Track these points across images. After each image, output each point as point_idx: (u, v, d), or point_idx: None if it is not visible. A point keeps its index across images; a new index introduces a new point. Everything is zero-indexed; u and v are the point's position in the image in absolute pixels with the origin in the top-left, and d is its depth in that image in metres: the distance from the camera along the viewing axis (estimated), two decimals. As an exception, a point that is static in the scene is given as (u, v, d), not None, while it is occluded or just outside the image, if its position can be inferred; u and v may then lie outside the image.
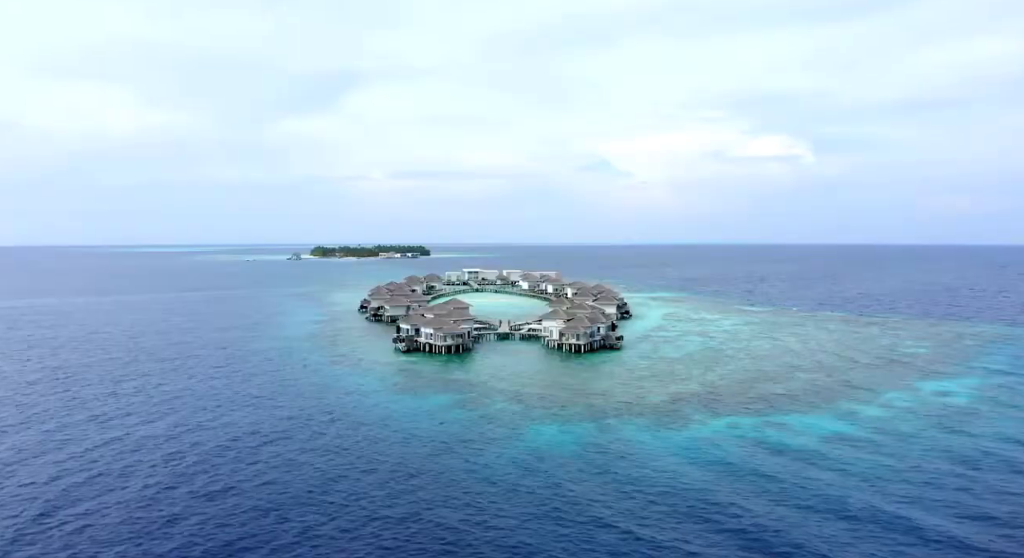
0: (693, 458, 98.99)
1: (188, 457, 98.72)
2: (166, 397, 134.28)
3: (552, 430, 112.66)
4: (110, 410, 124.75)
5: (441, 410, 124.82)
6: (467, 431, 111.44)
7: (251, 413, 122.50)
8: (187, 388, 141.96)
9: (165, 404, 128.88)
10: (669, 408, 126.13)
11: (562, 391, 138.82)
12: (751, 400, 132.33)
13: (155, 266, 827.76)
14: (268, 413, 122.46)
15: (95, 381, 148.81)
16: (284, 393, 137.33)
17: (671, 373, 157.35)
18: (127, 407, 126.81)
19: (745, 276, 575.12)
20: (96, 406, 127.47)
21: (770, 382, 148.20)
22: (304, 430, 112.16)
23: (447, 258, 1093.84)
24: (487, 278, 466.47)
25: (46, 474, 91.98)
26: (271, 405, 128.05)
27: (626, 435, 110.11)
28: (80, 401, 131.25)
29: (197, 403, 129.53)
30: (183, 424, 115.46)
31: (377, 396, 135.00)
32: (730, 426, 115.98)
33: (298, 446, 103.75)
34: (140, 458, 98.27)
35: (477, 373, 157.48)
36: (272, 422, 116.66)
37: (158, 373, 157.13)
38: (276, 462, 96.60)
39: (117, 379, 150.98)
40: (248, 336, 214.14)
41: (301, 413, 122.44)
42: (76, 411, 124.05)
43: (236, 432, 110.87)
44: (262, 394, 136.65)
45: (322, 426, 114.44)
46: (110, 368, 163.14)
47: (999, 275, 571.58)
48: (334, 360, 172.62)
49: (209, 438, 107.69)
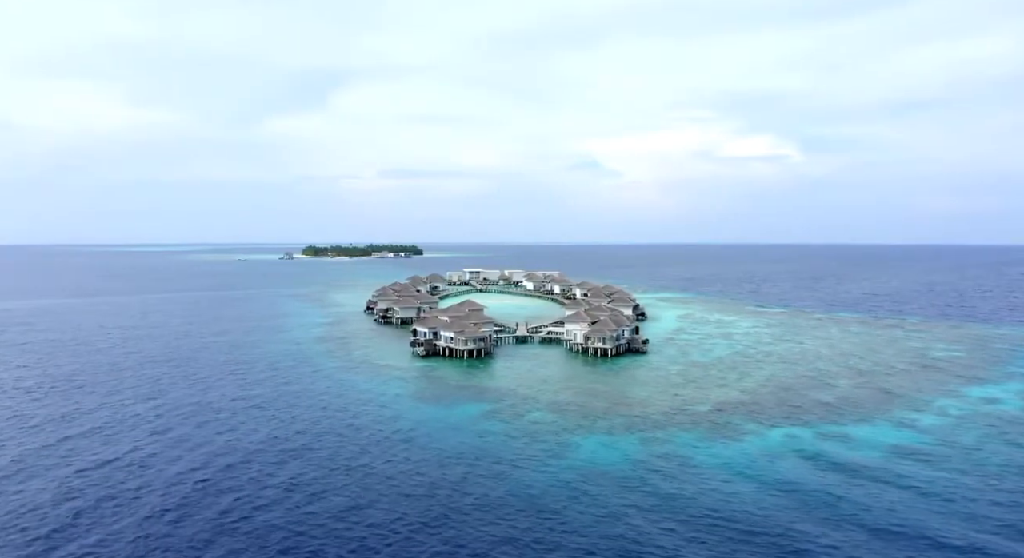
0: (758, 478, 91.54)
1: (204, 476, 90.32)
2: (175, 407, 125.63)
3: (596, 444, 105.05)
4: (116, 422, 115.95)
5: (473, 421, 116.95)
6: (505, 446, 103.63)
7: (269, 425, 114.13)
8: (197, 397, 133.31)
9: (174, 415, 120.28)
10: (716, 418, 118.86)
11: (598, 399, 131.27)
12: (798, 409, 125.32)
13: (145, 265, 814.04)
14: (288, 426, 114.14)
15: (99, 390, 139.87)
16: (302, 403, 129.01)
17: (707, 379, 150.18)
18: (133, 418, 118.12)
19: (744, 276, 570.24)
20: (101, 418, 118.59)
21: (812, 389, 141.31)
22: (329, 444, 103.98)
23: (440, 258, 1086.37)
24: (489, 278, 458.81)
25: (51, 495, 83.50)
26: (289, 416, 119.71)
27: (677, 450, 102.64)
28: (83, 411, 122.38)
29: (208, 414, 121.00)
30: (194, 437, 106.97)
31: (402, 405, 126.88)
32: (786, 438, 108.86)
33: (324, 464, 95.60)
34: (152, 477, 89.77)
35: (504, 379, 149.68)
36: (293, 436, 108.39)
37: (164, 380, 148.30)
38: (302, 482, 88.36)
39: (121, 387, 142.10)
40: (254, 339, 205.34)
41: (323, 425, 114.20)
42: (79, 423, 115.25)
43: (255, 446, 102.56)
44: (278, 404, 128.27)
45: (347, 440, 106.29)
46: (113, 375, 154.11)
47: (1001, 275, 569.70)
48: (350, 366, 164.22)
49: (225, 452, 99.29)
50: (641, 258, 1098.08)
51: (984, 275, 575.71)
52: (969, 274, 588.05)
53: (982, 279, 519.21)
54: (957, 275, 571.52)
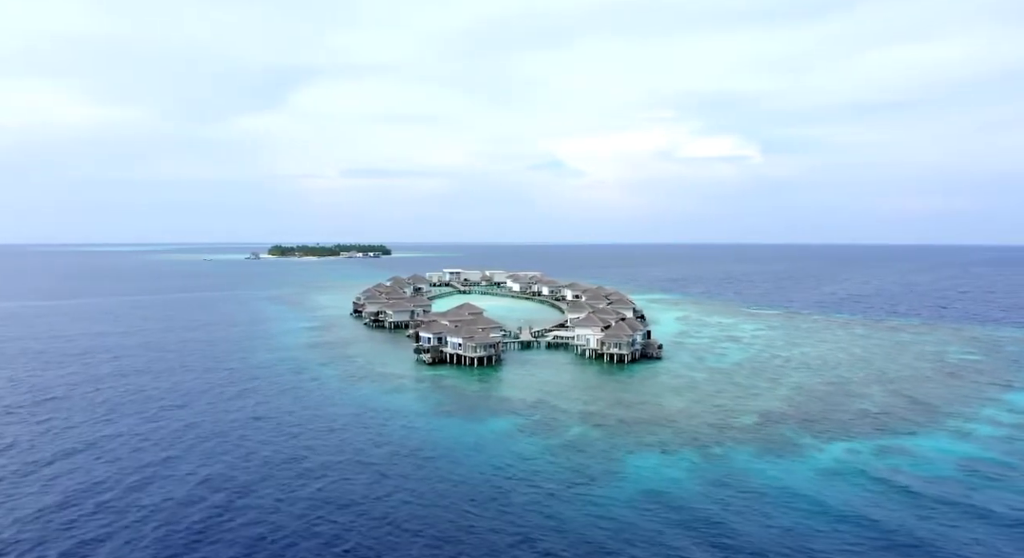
0: (835, 496, 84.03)
1: (214, 505, 79.18)
2: (172, 425, 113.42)
3: (653, 464, 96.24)
4: (108, 441, 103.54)
5: (507, 439, 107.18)
6: (555, 466, 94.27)
7: (280, 443, 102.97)
8: (193, 413, 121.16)
9: (173, 435, 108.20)
10: (767, 431, 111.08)
11: (634, 411, 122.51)
12: (846, 421, 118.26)
13: (109, 266, 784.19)
14: (303, 444, 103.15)
15: (83, 405, 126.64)
16: (312, 418, 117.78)
17: (737, 387, 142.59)
18: (128, 438, 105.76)
19: (722, 277, 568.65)
20: (90, 436, 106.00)
21: (848, 398, 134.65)
22: (355, 466, 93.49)
23: (409, 258, 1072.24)
24: (470, 279, 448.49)
25: (45, 529, 71.69)
26: (301, 433, 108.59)
27: (741, 467, 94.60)
28: (70, 429, 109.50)
29: (211, 433, 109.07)
30: (199, 461, 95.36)
31: (424, 422, 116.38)
32: (848, 453, 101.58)
33: (357, 490, 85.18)
34: (154, 508, 78.40)
35: (523, 389, 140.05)
36: (313, 457, 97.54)
37: (153, 393, 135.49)
38: (333, 512, 77.89)
39: (108, 403, 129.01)
40: (242, 347, 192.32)
41: (340, 447, 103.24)
42: (67, 443, 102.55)
43: (270, 470, 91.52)
44: (286, 420, 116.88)
45: (377, 462, 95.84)
46: (97, 388, 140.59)
47: (973, 275, 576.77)
48: (353, 375, 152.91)
49: (236, 476, 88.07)
50: (611, 258, 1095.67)
51: (958, 275, 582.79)
52: (943, 274, 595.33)
53: (957, 279, 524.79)
54: (931, 275, 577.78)
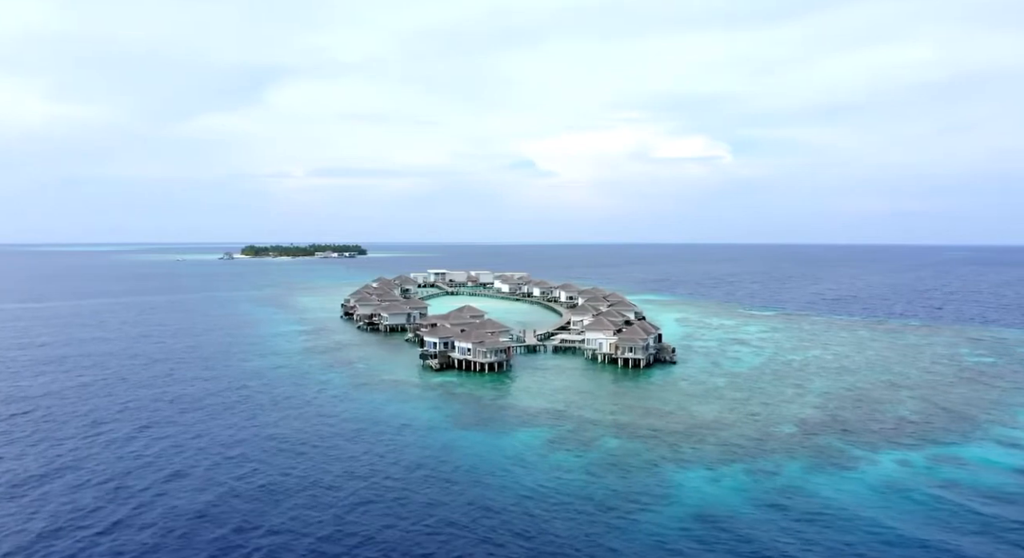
0: (902, 516, 78.42)
1: (218, 539, 70.92)
2: (166, 442, 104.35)
3: (700, 481, 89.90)
4: (93, 461, 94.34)
5: (539, 453, 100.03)
6: (599, 486, 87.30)
7: (292, 463, 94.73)
8: (188, 428, 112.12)
9: (169, 454, 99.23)
10: (811, 442, 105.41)
11: (666, 421, 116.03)
12: (888, 429, 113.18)
13: (78, 266, 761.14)
14: (318, 465, 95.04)
15: (72, 420, 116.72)
16: (322, 433, 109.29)
17: (764, 393, 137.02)
18: (117, 458, 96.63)
19: (704, 277, 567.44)
20: (74, 455, 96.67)
21: (881, 403, 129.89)
22: (379, 491, 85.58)
23: (385, 257, 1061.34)
24: (455, 279, 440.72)
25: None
26: (311, 451, 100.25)
27: (796, 484, 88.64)
28: (60, 448, 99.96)
29: (211, 451, 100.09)
30: (199, 484, 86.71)
31: (446, 434, 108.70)
32: (901, 465, 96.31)
33: (383, 521, 77.53)
34: (152, 546, 69.98)
35: (541, 397, 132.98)
36: (330, 479, 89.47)
37: (146, 405, 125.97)
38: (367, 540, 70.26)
39: (92, 415, 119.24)
40: (234, 352, 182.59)
41: (362, 464, 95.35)
42: (49, 463, 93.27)
43: (282, 495, 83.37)
44: (297, 434, 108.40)
45: (400, 484, 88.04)
46: (84, 400, 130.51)
47: (952, 275, 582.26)
48: (359, 383, 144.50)
49: (243, 505, 79.78)
50: (586, 258, 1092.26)
51: (939, 275, 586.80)
52: (923, 274, 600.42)
53: (940, 279, 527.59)
54: (912, 276, 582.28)
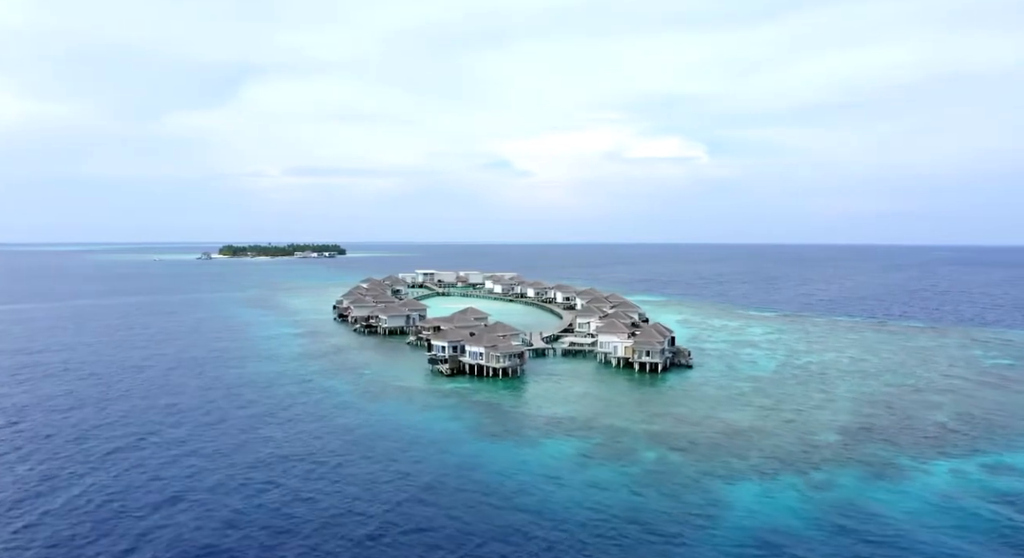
0: (977, 532, 73.40)
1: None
2: (171, 460, 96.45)
3: (753, 495, 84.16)
4: (99, 485, 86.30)
5: (573, 467, 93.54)
6: (650, 504, 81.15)
7: (311, 482, 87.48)
8: (192, 441, 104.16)
9: (176, 473, 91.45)
10: (857, 451, 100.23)
11: (701, 429, 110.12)
12: (931, 436, 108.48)
13: (53, 266, 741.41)
14: (334, 481, 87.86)
15: (59, 433, 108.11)
16: (338, 446, 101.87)
17: (793, 399, 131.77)
18: (122, 479, 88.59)
19: (694, 277, 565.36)
20: (77, 473, 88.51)
21: (914, 408, 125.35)
22: (406, 511, 78.69)
23: (365, 257, 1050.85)
24: (444, 280, 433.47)
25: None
26: (325, 464, 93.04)
27: (853, 496, 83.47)
28: (50, 464, 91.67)
29: (221, 470, 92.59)
30: (210, 508, 79.24)
31: (476, 447, 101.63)
32: (955, 475, 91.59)
33: (422, 543, 70.72)
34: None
35: (564, 404, 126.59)
36: (357, 500, 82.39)
37: (139, 416, 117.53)
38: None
39: (88, 430, 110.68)
40: (230, 358, 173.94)
41: (385, 479, 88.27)
42: (42, 483, 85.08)
43: (318, 524, 76.22)
44: (307, 448, 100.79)
45: (432, 505, 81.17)
46: (71, 411, 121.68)
47: (940, 275, 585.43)
48: (368, 391, 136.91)
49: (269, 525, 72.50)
50: (565, 258, 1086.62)
51: (926, 275, 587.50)
52: (910, 274, 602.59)
53: (928, 279, 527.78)
54: (900, 275, 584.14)
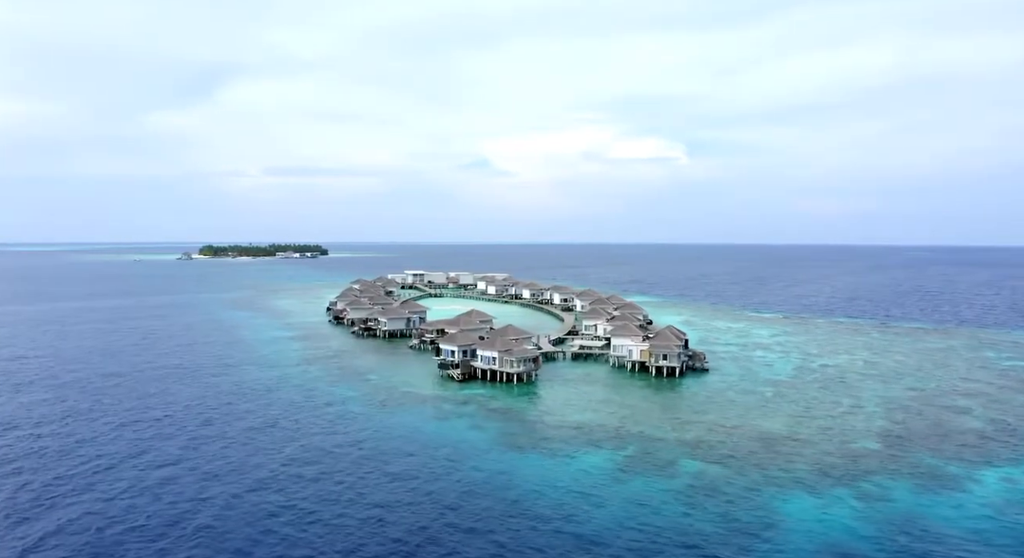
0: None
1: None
2: (180, 475, 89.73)
3: (810, 508, 79.44)
4: (103, 504, 79.37)
5: (611, 482, 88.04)
6: (697, 520, 75.99)
7: (340, 506, 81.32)
8: (200, 454, 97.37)
9: (188, 492, 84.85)
10: (902, 459, 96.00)
11: (737, 438, 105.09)
12: (972, 442, 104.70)
13: (31, 267, 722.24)
14: (361, 499, 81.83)
15: (57, 447, 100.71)
16: (360, 460, 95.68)
17: (822, 404, 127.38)
18: (125, 496, 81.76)
19: (680, 277, 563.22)
20: (77, 490, 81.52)
21: (948, 414, 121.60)
22: (446, 539, 72.92)
23: (347, 258, 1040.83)
24: (434, 281, 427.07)
25: None
26: (344, 484, 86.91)
27: (909, 508, 79.50)
28: (48, 480, 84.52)
29: (232, 491, 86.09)
30: (228, 532, 72.84)
31: (503, 459, 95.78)
32: (1006, 483, 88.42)
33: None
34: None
35: (586, 411, 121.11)
36: (392, 525, 76.48)
37: (142, 427, 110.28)
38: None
39: (88, 443, 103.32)
40: (227, 363, 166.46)
41: (416, 497, 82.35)
42: (42, 503, 78.06)
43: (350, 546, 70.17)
44: (327, 463, 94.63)
45: (469, 532, 75.54)
46: (68, 421, 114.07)
47: (926, 275, 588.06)
48: (378, 398, 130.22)
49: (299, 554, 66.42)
50: (550, 258, 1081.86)
51: (914, 276, 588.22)
52: (896, 275, 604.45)
53: (916, 281, 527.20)
54: (885, 276, 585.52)
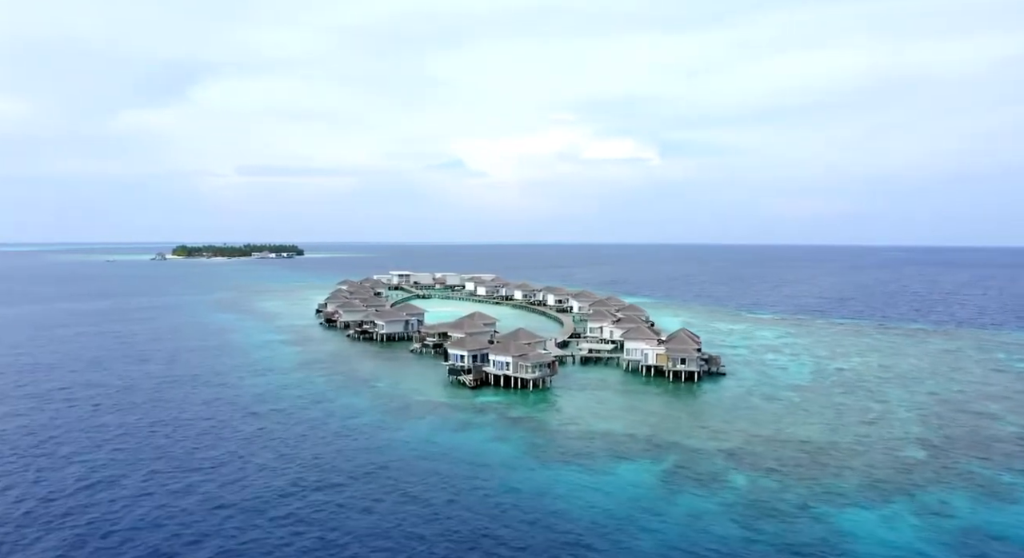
0: None
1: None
2: (187, 493, 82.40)
3: (873, 524, 74.84)
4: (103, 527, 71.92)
5: (662, 497, 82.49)
6: (758, 539, 70.64)
7: (377, 538, 74.72)
8: (209, 468, 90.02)
9: (197, 512, 77.70)
10: (953, 469, 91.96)
11: (779, 448, 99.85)
12: (1018, 450, 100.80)
13: (3, 268, 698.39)
14: (393, 524, 75.36)
15: (43, 461, 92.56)
16: (384, 477, 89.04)
17: (852, 410, 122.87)
18: (127, 516, 74.28)
19: (663, 278, 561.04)
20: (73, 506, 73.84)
21: (981, 419, 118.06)
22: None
23: (323, 258, 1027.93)
24: (420, 282, 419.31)
25: None
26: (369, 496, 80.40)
27: (975, 523, 75.76)
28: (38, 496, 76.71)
29: (246, 514, 79.12)
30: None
31: (535, 474, 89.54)
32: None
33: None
34: None
35: (614, 419, 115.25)
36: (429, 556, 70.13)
37: (140, 441, 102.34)
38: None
39: (80, 457, 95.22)
40: (223, 369, 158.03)
41: (455, 518, 76.13)
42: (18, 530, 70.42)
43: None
44: (349, 485, 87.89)
45: (531, 554, 69.46)
46: (57, 430, 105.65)
47: (907, 275, 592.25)
48: (389, 407, 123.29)
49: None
50: (527, 258, 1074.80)
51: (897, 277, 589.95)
52: (880, 275, 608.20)
53: (903, 282, 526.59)
54: (869, 276, 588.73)
